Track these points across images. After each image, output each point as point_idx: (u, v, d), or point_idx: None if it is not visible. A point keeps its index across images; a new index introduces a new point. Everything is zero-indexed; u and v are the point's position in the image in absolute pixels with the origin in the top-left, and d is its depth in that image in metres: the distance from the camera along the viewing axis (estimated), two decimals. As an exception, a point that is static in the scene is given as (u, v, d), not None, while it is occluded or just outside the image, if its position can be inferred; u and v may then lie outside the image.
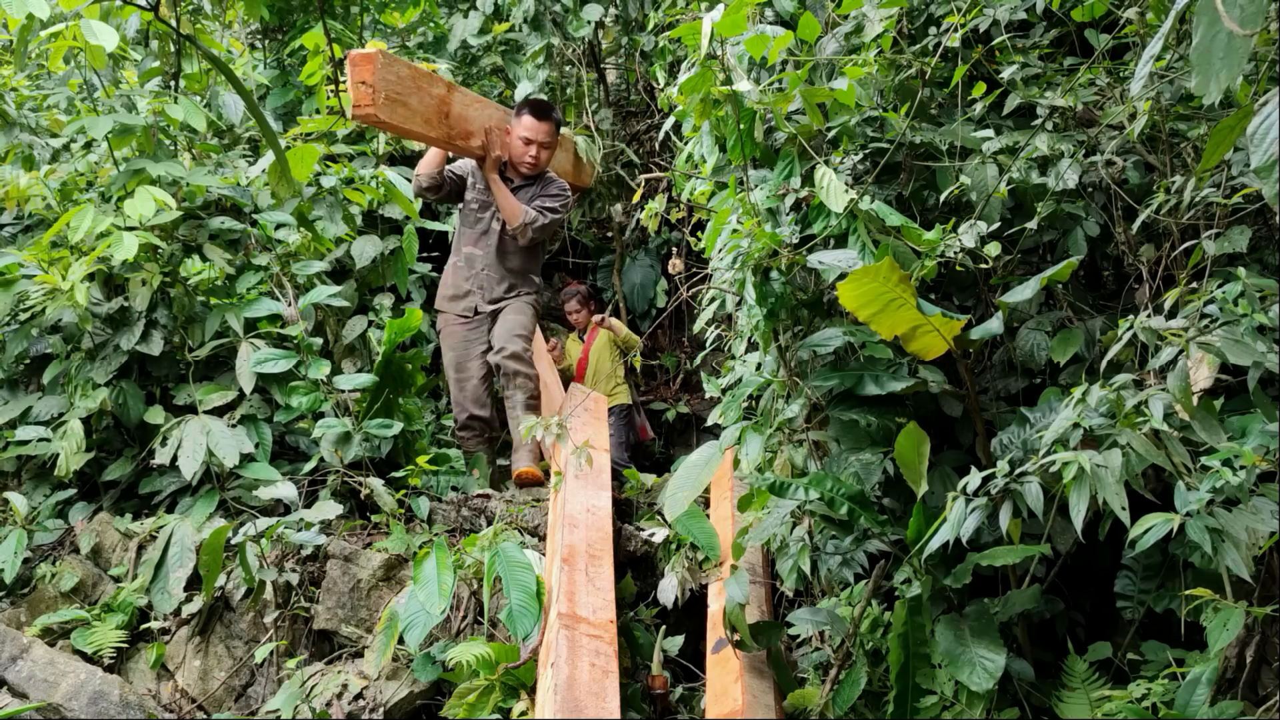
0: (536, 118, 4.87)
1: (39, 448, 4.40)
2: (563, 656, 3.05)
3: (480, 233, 4.99)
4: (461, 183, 5.04)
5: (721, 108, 3.10)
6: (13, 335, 4.56)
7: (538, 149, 4.87)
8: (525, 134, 4.85)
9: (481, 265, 4.98)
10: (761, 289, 3.02)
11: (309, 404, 4.50)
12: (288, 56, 6.44)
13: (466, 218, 5.06)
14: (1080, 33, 3.33)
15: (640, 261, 6.74)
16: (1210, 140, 2.19)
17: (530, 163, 4.89)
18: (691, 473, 3.04)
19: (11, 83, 5.11)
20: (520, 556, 3.49)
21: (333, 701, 3.51)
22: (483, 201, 4.98)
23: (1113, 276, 3.28)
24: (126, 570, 4.15)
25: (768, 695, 3.12)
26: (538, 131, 4.86)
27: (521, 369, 4.86)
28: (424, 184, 4.96)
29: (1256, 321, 2.21)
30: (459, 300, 5.01)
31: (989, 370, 3.23)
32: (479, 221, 5.00)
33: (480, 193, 4.99)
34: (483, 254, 4.98)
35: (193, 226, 4.80)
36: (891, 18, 3.14)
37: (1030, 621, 2.93)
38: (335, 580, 3.90)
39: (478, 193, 5.01)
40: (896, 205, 3.15)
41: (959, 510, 2.42)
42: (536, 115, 4.87)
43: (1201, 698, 2.38)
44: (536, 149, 4.87)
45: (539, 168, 4.95)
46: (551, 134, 4.89)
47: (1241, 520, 2.14)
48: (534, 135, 4.85)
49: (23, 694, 3.61)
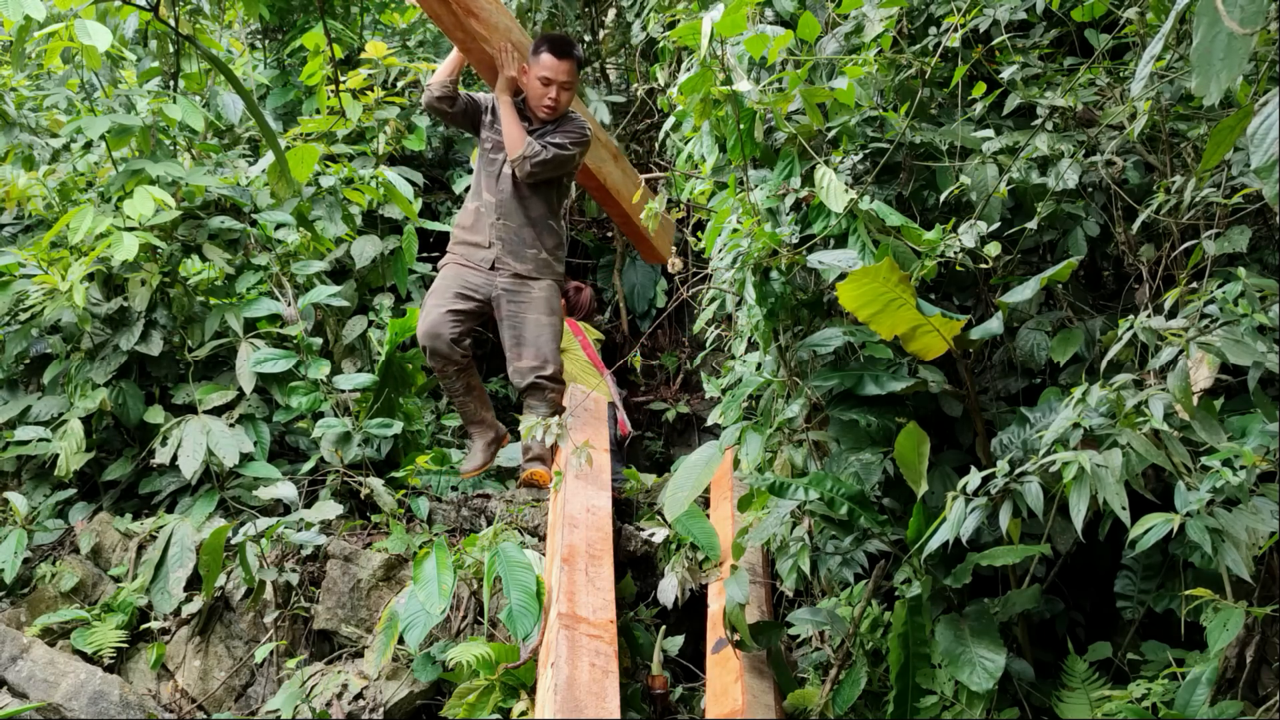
0: (556, 55, 4.39)
1: (39, 448, 4.40)
2: (563, 656, 3.05)
3: (493, 176, 4.55)
4: (478, 112, 4.61)
5: (721, 107, 3.10)
6: (12, 335, 4.57)
7: (558, 90, 4.40)
8: (544, 73, 4.37)
9: (498, 214, 4.52)
10: (761, 289, 3.02)
11: (309, 404, 4.50)
12: (288, 56, 6.44)
13: (483, 159, 4.63)
14: (1080, 33, 3.32)
15: (640, 262, 6.74)
16: (1210, 140, 2.19)
17: (550, 105, 4.42)
18: (691, 473, 3.04)
19: (11, 83, 5.11)
20: (520, 556, 3.49)
21: (333, 701, 3.51)
22: (497, 142, 4.54)
23: (1113, 276, 3.28)
24: (126, 570, 4.15)
25: (768, 695, 3.12)
26: (558, 71, 4.38)
27: (555, 386, 4.50)
28: (435, 94, 4.49)
29: (1256, 321, 2.21)
30: (476, 249, 4.54)
31: (989, 370, 3.23)
32: (493, 164, 4.57)
33: (496, 131, 4.54)
34: (497, 201, 4.52)
35: (192, 226, 4.80)
36: (891, 18, 3.14)
37: (1030, 621, 2.93)
38: (335, 580, 3.90)
39: (494, 132, 4.57)
40: (896, 205, 3.15)
41: (959, 510, 2.42)
42: (556, 53, 4.40)
43: (1201, 698, 2.38)
44: (556, 90, 4.40)
45: (558, 110, 4.46)
46: (572, 73, 4.43)
47: (1241, 520, 2.14)
48: (554, 74, 4.38)
49: (23, 694, 3.61)
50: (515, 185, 4.48)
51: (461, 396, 4.56)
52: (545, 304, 4.53)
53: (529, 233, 4.52)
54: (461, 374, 4.53)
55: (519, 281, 4.50)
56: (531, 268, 4.52)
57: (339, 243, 5.29)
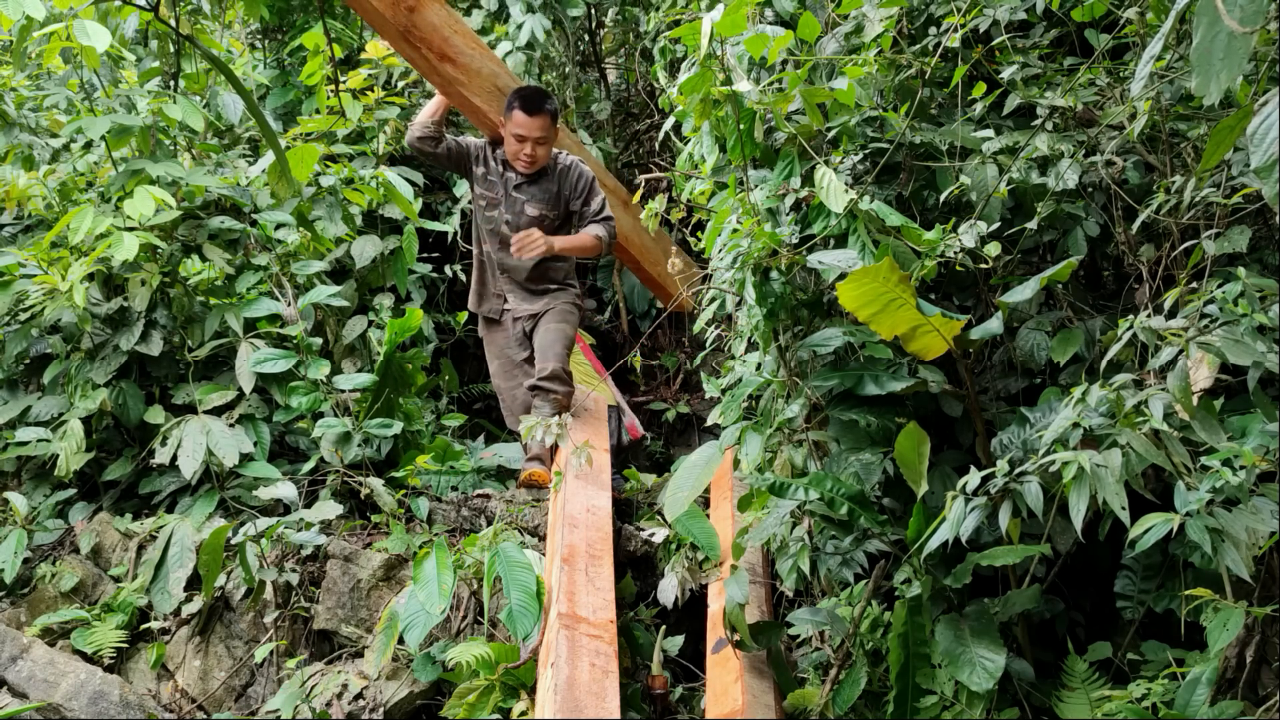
0: (527, 113, 4.36)
1: (39, 448, 4.40)
2: (563, 656, 3.05)
3: (492, 234, 4.65)
4: (465, 159, 4.62)
5: (721, 108, 3.10)
6: (13, 335, 4.56)
7: (533, 146, 4.41)
8: (517, 130, 4.39)
9: (502, 268, 4.67)
10: (761, 289, 3.02)
11: (308, 404, 4.50)
12: (288, 56, 6.44)
13: (478, 213, 4.69)
14: (1080, 33, 3.33)
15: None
16: (1210, 140, 2.19)
17: (526, 161, 4.45)
18: (691, 473, 3.04)
19: (11, 83, 5.11)
20: (520, 556, 3.49)
21: (333, 701, 3.51)
22: (489, 199, 4.61)
23: (1113, 276, 3.28)
24: (126, 570, 4.15)
25: (768, 695, 3.12)
26: (530, 128, 4.37)
27: (556, 387, 4.56)
28: (416, 134, 4.53)
29: (1256, 321, 2.21)
30: (485, 301, 4.76)
31: (989, 370, 3.23)
32: (490, 221, 4.64)
33: (488, 186, 4.60)
34: (499, 258, 4.67)
35: (192, 226, 4.80)
36: (891, 18, 3.14)
37: (1030, 621, 2.93)
38: (335, 580, 3.90)
39: (485, 186, 4.61)
40: (896, 205, 3.15)
41: (959, 510, 2.42)
42: (527, 110, 4.36)
43: (1201, 698, 2.38)
44: (531, 146, 4.41)
45: (536, 164, 4.49)
46: (545, 128, 4.40)
47: (1241, 520, 2.14)
48: (526, 132, 4.38)
49: (23, 694, 3.61)
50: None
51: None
52: (558, 314, 4.69)
53: (535, 274, 4.67)
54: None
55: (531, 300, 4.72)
56: (545, 301, 4.71)
57: (339, 243, 5.29)
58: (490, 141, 4.62)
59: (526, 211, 4.56)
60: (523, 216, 4.56)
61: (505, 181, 4.57)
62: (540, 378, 4.54)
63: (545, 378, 4.54)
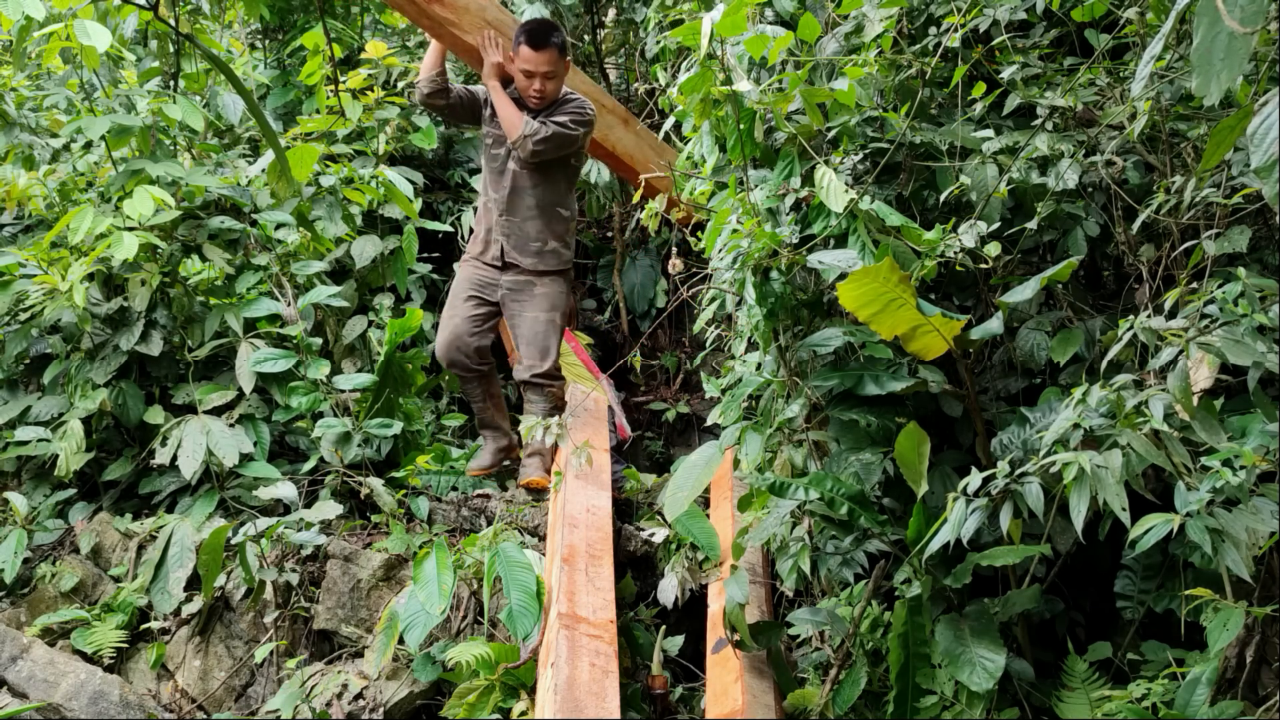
0: (533, 47, 4.25)
1: (39, 448, 4.40)
2: (563, 656, 3.05)
3: (497, 172, 4.50)
4: (476, 105, 4.55)
5: (721, 108, 3.10)
6: (12, 335, 4.57)
7: (541, 80, 4.29)
8: (525, 65, 4.28)
9: (501, 210, 4.50)
10: (761, 289, 3.01)
11: (308, 404, 4.50)
12: (288, 56, 6.44)
13: (485, 155, 4.59)
14: (1080, 33, 3.32)
15: (640, 261, 6.73)
16: (1210, 140, 2.19)
17: (535, 97, 4.32)
18: (691, 473, 3.04)
19: (11, 83, 5.11)
20: (520, 556, 3.49)
21: (333, 701, 3.51)
22: (497, 136, 4.47)
23: (1113, 276, 3.28)
24: (126, 570, 4.15)
25: (768, 695, 3.12)
26: (537, 62, 4.26)
27: (549, 384, 4.53)
28: (425, 90, 4.45)
29: (1256, 321, 2.21)
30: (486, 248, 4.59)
31: (989, 370, 3.23)
32: (495, 159, 4.52)
33: (495, 125, 4.46)
34: (500, 197, 4.49)
35: (192, 226, 4.80)
36: (891, 18, 3.14)
37: (1030, 621, 2.93)
38: (335, 580, 3.90)
39: (493, 125, 4.49)
40: (896, 205, 3.15)
41: (959, 511, 2.42)
42: (533, 44, 4.25)
43: (1201, 698, 2.38)
44: (540, 81, 4.29)
45: (546, 99, 4.35)
46: (553, 61, 4.27)
47: (1241, 520, 2.14)
48: (534, 67, 4.27)
49: (23, 694, 3.61)
50: (518, 177, 4.45)
51: (480, 401, 4.68)
52: (546, 300, 4.54)
53: (535, 225, 4.50)
54: (482, 380, 4.66)
55: (523, 279, 4.53)
56: (537, 261, 4.52)
57: (339, 243, 5.29)
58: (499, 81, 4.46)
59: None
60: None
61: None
62: (535, 374, 4.50)
63: (541, 375, 4.50)
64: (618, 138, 5.08)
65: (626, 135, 5.16)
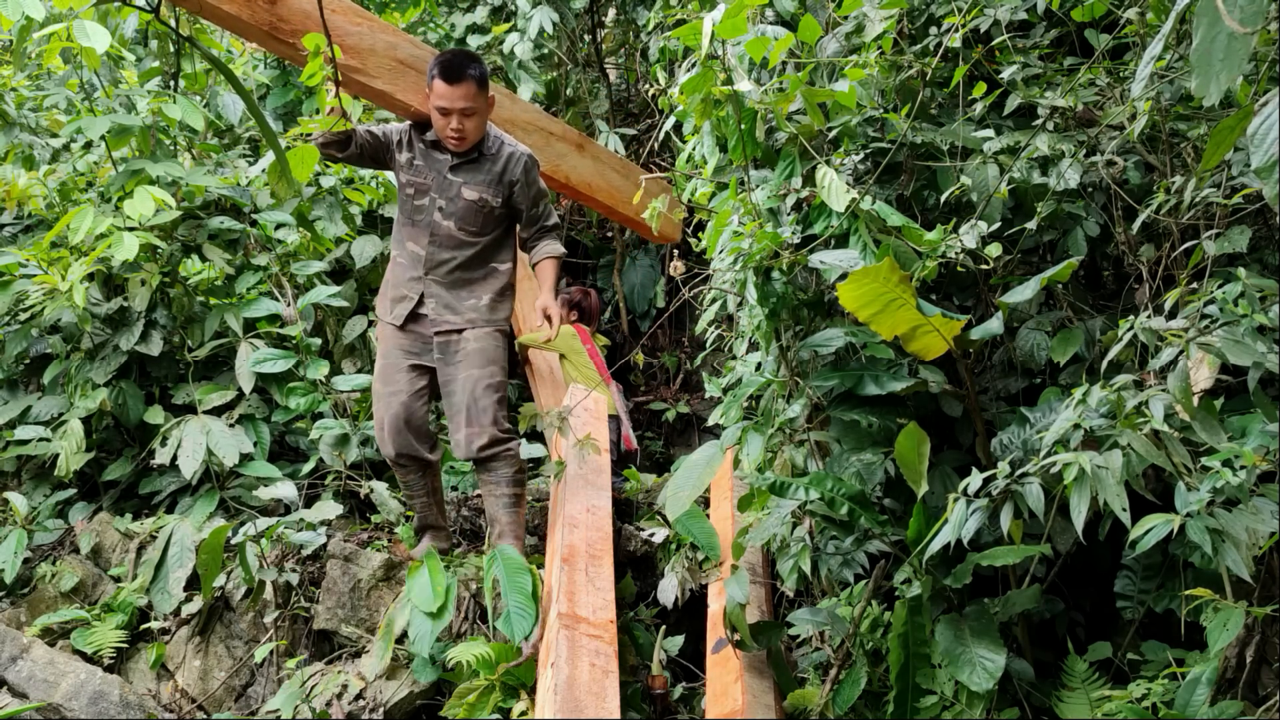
0: (448, 81, 3.64)
1: (39, 448, 4.40)
2: (563, 656, 3.05)
3: (422, 226, 3.85)
4: (381, 148, 3.85)
5: (722, 108, 3.10)
6: (13, 335, 4.57)
7: (459, 118, 3.68)
8: (439, 103, 3.67)
9: (427, 268, 3.84)
10: (763, 289, 3.02)
11: (307, 404, 4.50)
12: (287, 56, 6.44)
13: (403, 205, 3.89)
14: (1080, 33, 3.33)
15: (640, 262, 6.74)
16: (1210, 140, 2.19)
17: (454, 137, 3.72)
18: (692, 473, 3.04)
19: (11, 83, 5.11)
20: (518, 558, 3.49)
21: (333, 701, 3.51)
22: (419, 185, 3.83)
23: (1113, 276, 3.28)
24: (126, 570, 4.15)
25: (768, 695, 3.12)
26: (453, 98, 3.65)
27: (502, 451, 3.79)
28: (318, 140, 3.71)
29: (1256, 321, 2.21)
30: (396, 306, 3.90)
31: (989, 370, 3.23)
32: (418, 211, 3.85)
33: (415, 173, 3.84)
34: (426, 253, 3.84)
35: (192, 226, 4.80)
36: (892, 18, 3.15)
37: (1030, 621, 2.93)
38: (335, 580, 3.90)
39: (412, 172, 3.85)
40: (897, 205, 3.15)
41: (960, 511, 2.42)
42: (448, 78, 3.64)
43: (1201, 698, 2.38)
44: (458, 118, 3.68)
45: (468, 139, 3.74)
46: (472, 96, 3.66)
47: (1241, 520, 2.14)
48: (449, 103, 3.66)
49: (23, 694, 3.61)
50: (444, 231, 3.82)
51: (424, 497, 3.99)
52: (479, 356, 3.82)
53: (465, 282, 3.87)
54: (428, 471, 3.96)
55: (449, 339, 3.85)
56: (462, 320, 3.85)
57: (339, 243, 5.30)
58: (414, 124, 3.92)
59: (464, 195, 3.81)
60: (459, 201, 3.81)
61: (437, 164, 3.83)
62: (479, 447, 3.76)
63: (483, 446, 3.76)
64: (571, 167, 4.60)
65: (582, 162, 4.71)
